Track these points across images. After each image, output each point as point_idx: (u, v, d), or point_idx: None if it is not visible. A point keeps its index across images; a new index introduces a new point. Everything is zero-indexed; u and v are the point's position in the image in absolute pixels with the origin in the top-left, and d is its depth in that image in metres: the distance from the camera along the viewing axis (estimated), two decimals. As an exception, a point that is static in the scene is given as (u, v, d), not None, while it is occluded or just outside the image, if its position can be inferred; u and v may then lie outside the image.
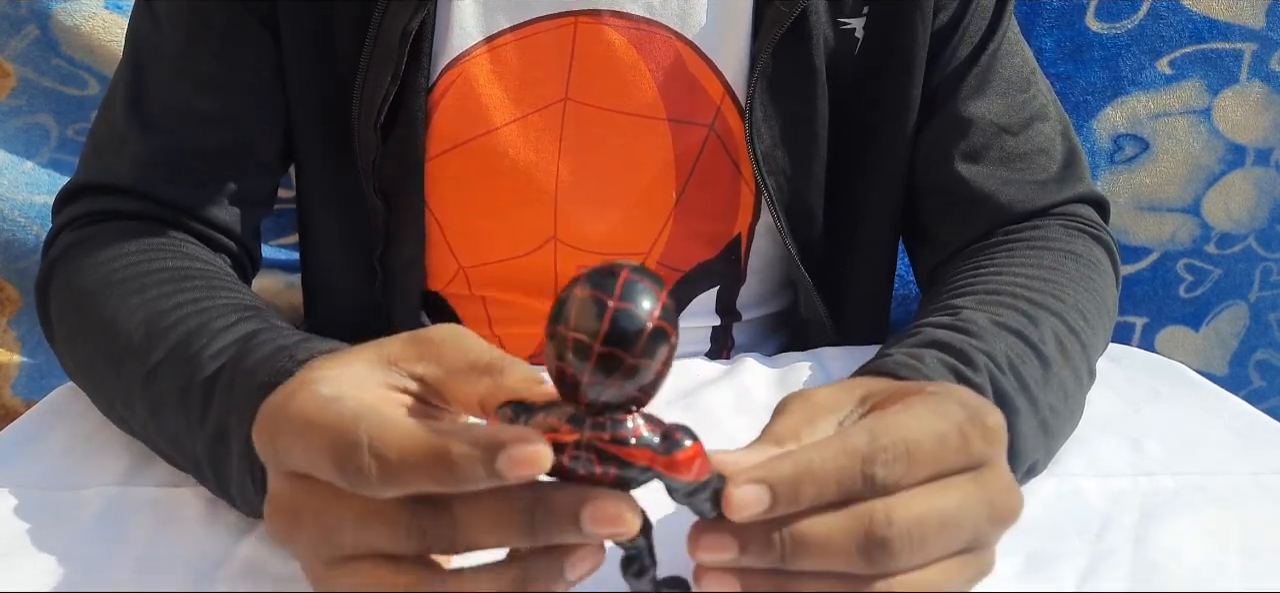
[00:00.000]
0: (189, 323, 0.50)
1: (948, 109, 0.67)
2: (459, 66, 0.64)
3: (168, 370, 0.49)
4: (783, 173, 0.66)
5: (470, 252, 0.69)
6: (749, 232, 0.70)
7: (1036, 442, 0.49)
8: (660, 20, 0.64)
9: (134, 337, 0.52)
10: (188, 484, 0.50)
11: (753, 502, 0.33)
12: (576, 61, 0.65)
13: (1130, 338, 1.05)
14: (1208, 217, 1.00)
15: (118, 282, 0.56)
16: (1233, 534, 0.47)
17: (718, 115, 0.66)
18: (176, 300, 0.52)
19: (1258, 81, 0.96)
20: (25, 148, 0.96)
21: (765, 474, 0.34)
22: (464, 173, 0.66)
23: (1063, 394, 0.51)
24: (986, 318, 0.52)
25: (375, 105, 0.62)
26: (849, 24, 0.65)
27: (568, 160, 0.66)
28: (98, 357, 0.54)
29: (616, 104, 0.65)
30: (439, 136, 0.65)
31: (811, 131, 0.66)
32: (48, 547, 0.45)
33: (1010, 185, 0.66)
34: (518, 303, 0.70)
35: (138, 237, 0.59)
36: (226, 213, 0.65)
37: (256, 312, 0.51)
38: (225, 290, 0.54)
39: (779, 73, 0.64)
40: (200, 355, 0.48)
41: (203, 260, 0.58)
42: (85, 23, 0.93)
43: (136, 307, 0.53)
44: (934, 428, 0.36)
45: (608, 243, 0.67)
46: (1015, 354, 0.50)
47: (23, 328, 0.99)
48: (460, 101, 0.64)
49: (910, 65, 0.65)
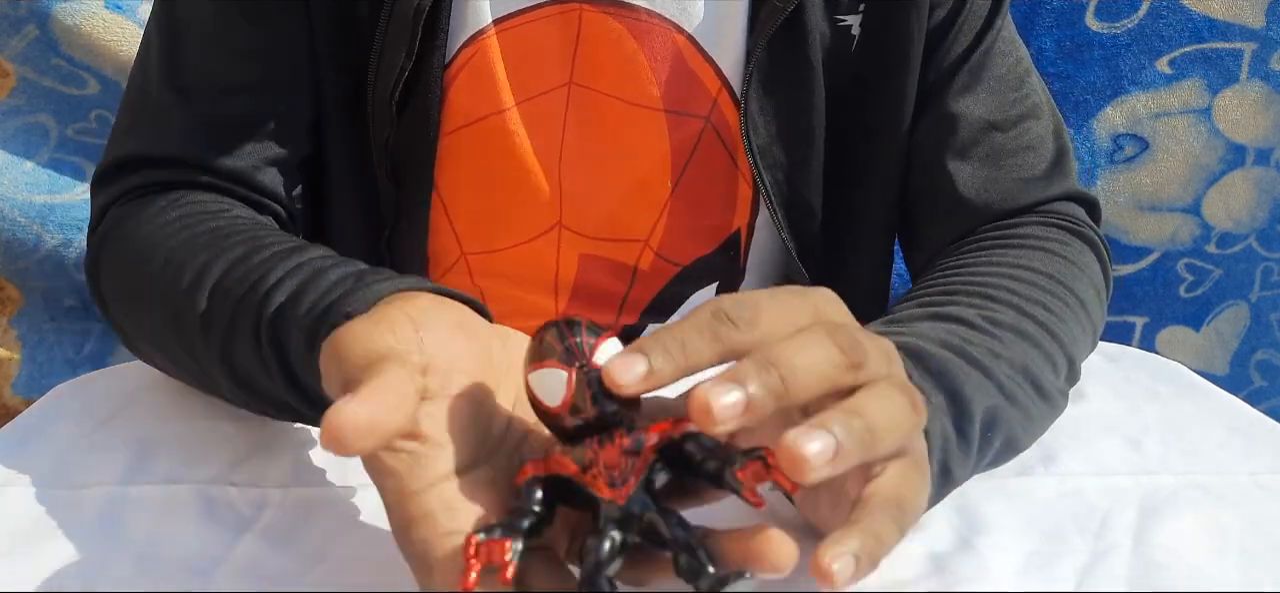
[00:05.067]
0: (247, 279, 0.51)
1: (939, 106, 0.67)
2: (476, 44, 0.65)
3: (239, 324, 0.50)
4: (779, 167, 0.66)
5: (474, 236, 0.69)
6: (748, 228, 0.70)
7: (989, 393, 0.48)
8: (659, 12, 0.65)
9: (197, 300, 0.52)
10: (188, 483, 0.50)
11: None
12: (581, 47, 0.65)
13: (1130, 338, 1.05)
14: (1208, 216, 1.00)
15: (170, 251, 0.56)
16: (1233, 534, 0.47)
17: (714, 108, 0.66)
18: (229, 259, 0.53)
19: (1258, 81, 0.96)
20: (25, 148, 0.96)
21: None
22: (474, 152, 0.67)
23: (1022, 368, 0.50)
24: (927, 313, 0.52)
25: (390, 81, 0.63)
26: (845, 21, 0.65)
27: (572, 144, 0.67)
28: (164, 328, 0.55)
29: (618, 91, 0.66)
30: (453, 113, 0.66)
31: (808, 126, 0.66)
32: (48, 546, 0.45)
33: (993, 183, 0.66)
34: (515, 297, 0.70)
35: (183, 205, 0.60)
36: (269, 176, 0.65)
37: (302, 250, 0.52)
38: (272, 239, 0.54)
39: (775, 67, 0.64)
40: (263, 306, 0.49)
41: (247, 219, 0.59)
42: (85, 23, 0.93)
43: (194, 272, 0.53)
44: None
45: (608, 229, 0.68)
46: (953, 335, 0.49)
47: (23, 328, 0.99)
48: (474, 79, 0.65)
49: (906, 62, 0.66)
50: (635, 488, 0.35)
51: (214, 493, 0.49)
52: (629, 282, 0.70)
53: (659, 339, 0.35)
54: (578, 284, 0.70)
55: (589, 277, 0.69)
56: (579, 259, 0.69)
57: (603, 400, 0.35)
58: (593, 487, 0.35)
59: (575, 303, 0.70)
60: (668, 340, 0.34)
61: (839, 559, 0.33)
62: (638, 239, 0.69)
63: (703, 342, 0.35)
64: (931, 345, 0.47)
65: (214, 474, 0.51)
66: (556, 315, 0.69)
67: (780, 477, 0.34)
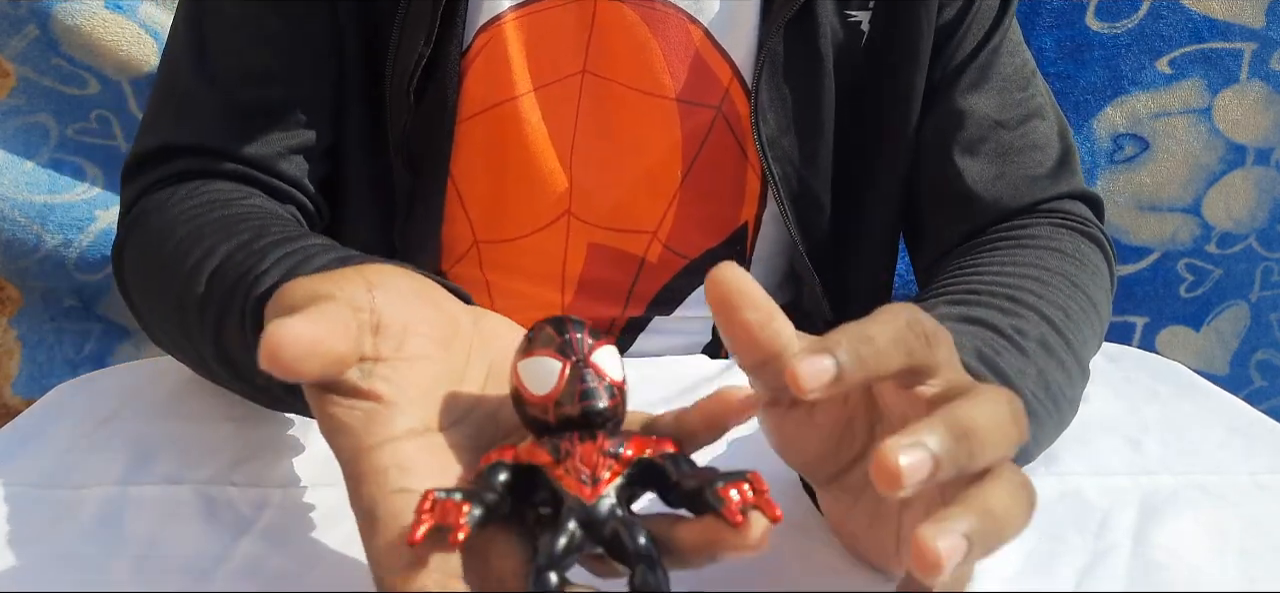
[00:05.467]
0: (240, 268, 0.50)
1: (946, 103, 0.67)
2: (492, 29, 0.65)
3: (229, 312, 0.50)
4: (788, 159, 0.67)
5: (487, 224, 0.70)
6: (756, 222, 0.70)
7: None
8: (675, 2, 0.66)
9: (195, 286, 0.52)
10: (187, 483, 0.50)
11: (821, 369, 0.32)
12: (595, 35, 0.66)
13: (1131, 338, 1.05)
14: (1208, 216, 1.00)
15: (180, 238, 0.56)
16: (1232, 534, 0.47)
17: (726, 98, 0.67)
18: (230, 246, 0.52)
19: (1258, 81, 0.96)
20: (25, 148, 0.96)
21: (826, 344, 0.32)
22: (488, 138, 0.67)
23: (1044, 383, 0.51)
24: (958, 315, 0.52)
25: (408, 69, 0.63)
26: (855, 16, 0.66)
27: (584, 132, 0.67)
28: (170, 315, 0.55)
29: (630, 80, 0.66)
30: (470, 99, 0.66)
31: (817, 119, 0.67)
32: (48, 547, 0.45)
33: (1002, 180, 0.66)
34: (523, 291, 0.70)
35: (201, 193, 0.60)
36: (293, 165, 0.65)
37: (298, 239, 0.51)
38: (276, 227, 0.54)
39: (786, 58, 0.65)
40: (249, 294, 0.48)
41: (260, 207, 0.59)
42: (85, 22, 0.93)
43: (196, 256, 0.53)
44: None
45: (617, 218, 0.68)
46: (986, 344, 0.49)
47: (23, 328, 0.99)
48: (490, 64, 0.66)
49: (915, 60, 0.66)
50: (606, 490, 0.33)
51: (214, 493, 0.49)
52: (635, 274, 0.70)
53: (849, 338, 0.32)
54: (584, 276, 0.70)
55: (596, 268, 0.70)
56: (587, 249, 0.69)
57: (592, 397, 0.34)
58: (563, 481, 0.33)
59: (582, 296, 0.70)
60: (859, 343, 0.32)
61: (944, 537, 0.29)
62: (646, 230, 0.69)
63: (895, 352, 0.33)
64: (969, 357, 0.47)
65: (214, 474, 0.51)
66: (571, 299, 0.70)
67: (765, 502, 0.32)
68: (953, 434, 0.31)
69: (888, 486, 0.30)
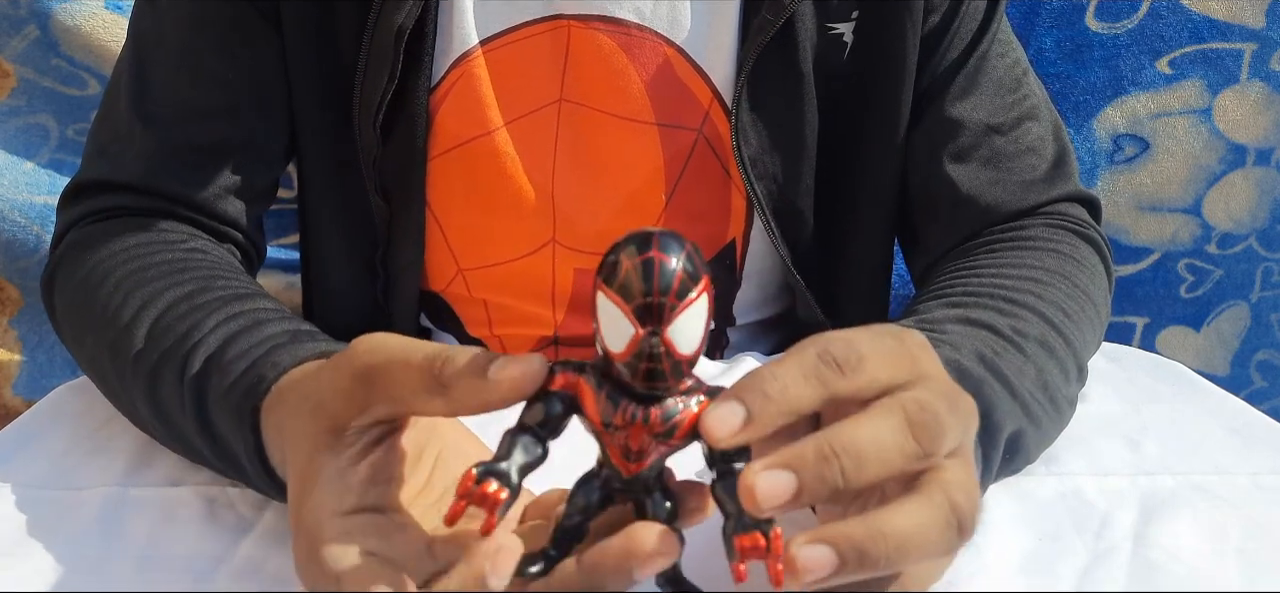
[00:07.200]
0: (184, 321, 0.51)
1: (936, 110, 0.66)
2: (462, 66, 0.64)
3: (164, 370, 0.50)
4: (771, 178, 0.66)
5: (470, 253, 0.69)
6: (744, 238, 0.70)
7: (1016, 418, 0.48)
8: (650, 26, 0.64)
9: (134, 334, 0.52)
10: (188, 484, 0.50)
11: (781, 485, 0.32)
12: (570, 64, 0.65)
13: (1131, 338, 1.05)
14: (1208, 217, 1.00)
15: (118, 279, 0.56)
16: (1232, 534, 0.47)
17: (706, 120, 0.66)
18: (172, 296, 0.53)
19: (1258, 81, 0.96)
20: (25, 148, 0.96)
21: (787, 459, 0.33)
22: (465, 173, 0.66)
23: (1043, 384, 0.51)
24: (957, 317, 0.52)
25: (373, 104, 0.62)
26: (837, 28, 0.64)
27: (563, 160, 0.66)
28: (102, 354, 0.55)
29: (609, 107, 0.65)
30: (442, 136, 0.65)
31: (799, 136, 0.66)
32: (48, 547, 0.45)
33: (996, 185, 0.66)
34: (515, 308, 0.70)
35: (140, 231, 0.60)
36: (231, 205, 0.65)
37: (248, 299, 0.52)
38: (221, 281, 0.54)
39: (765, 78, 0.63)
40: (191, 356, 0.49)
41: (203, 252, 0.59)
42: (85, 23, 0.93)
43: (136, 304, 0.53)
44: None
45: (603, 243, 0.67)
46: (986, 346, 0.49)
47: (23, 328, 0.99)
48: (462, 101, 0.65)
49: (900, 69, 0.65)
50: (646, 468, 0.35)
51: (214, 494, 0.49)
52: None
53: (758, 384, 0.33)
54: (575, 297, 0.69)
55: (586, 290, 0.69)
56: (575, 274, 0.69)
57: (655, 377, 0.33)
58: (608, 448, 0.35)
59: (573, 314, 0.70)
60: (768, 386, 0.33)
61: (811, 548, 0.32)
62: None
63: (807, 388, 0.33)
64: (969, 359, 0.47)
65: (214, 476, 0.51)
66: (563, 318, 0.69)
67: (774, 564, 0.32)
68: (819, 456, 0.32)
69: (751, 507, 0.31)
